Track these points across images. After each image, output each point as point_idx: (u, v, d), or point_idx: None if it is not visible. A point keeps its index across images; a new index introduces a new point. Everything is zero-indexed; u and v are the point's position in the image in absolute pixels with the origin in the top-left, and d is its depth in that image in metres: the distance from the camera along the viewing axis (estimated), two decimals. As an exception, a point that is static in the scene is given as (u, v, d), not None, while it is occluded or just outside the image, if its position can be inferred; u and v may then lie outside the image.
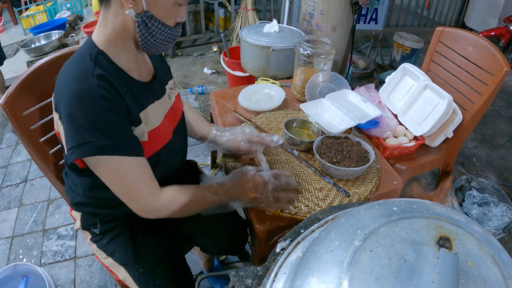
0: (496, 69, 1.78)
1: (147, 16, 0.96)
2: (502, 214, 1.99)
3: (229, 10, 4.86)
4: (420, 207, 0.74)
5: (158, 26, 0.99)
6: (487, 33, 4.96)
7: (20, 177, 2.92)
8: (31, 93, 1.33)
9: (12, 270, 1.75)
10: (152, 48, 1.04)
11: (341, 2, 2.46)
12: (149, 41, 1.01)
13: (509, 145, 3.50)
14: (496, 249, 0.64)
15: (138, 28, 0.97)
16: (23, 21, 5.67)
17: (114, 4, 0.95)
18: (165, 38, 1.03)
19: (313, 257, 0.66)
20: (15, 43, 5.53)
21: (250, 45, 2.39)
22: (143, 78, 1.13)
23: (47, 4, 5.74)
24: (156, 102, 1.14)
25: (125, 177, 1.00)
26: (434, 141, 1.93)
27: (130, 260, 1.24)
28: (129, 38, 1.02)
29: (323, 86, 1.79)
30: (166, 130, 1.18)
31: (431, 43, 2.19)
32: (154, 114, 1.11)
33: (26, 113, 1.31)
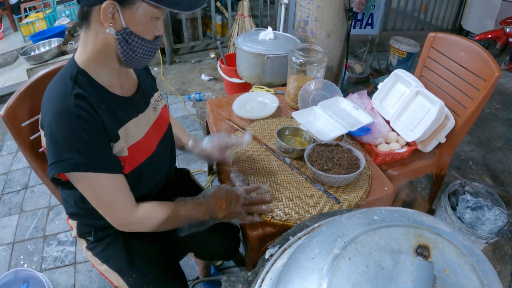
0: (487, 74, 1.81)
1: (126, 33, 0.99)
2: (495, 218, 2.01)
3: (226, 17, 4.90)
4: (401, 216, 0.77)
5: (138, 41, 1.02)
6: (483, 36, 5.00)
7: (20, 184, 2.95)
8: (30, 105, 1.37)
9: (13, 275, 1.78)
10: (135, 62, 1.07)
11: (335, 9, 2.49)
12: (131, 56, 1.04)
13: (505, 147, 3.52)
14: (476, 257, 0.67)
15: (119, 45, 1.01)
16: (22, 28, 5.69)
17: (94, 24, 0.98)
18: (146, 52, 1.06)
19: (294, 264, 0.70)
20: (15, 50, 5.54)
21: (246, 53, 2.43)
22: (126, 93, 1.17)
23: (46, 11, 5.77)
24: (140, 115, 1.18)
25: (100, 192, 1.05)
26: (426, 146, 1.95)
27: (124, 267, 1.28)
28: (111, 55, 1.04)
29: (316, 94, 1.83)
30: (149, 143, 1.21)
31: (424, 49, 2.22)
32: (135, 128, 1.15)
33: (25, 124, 1.35)
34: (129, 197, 1.10)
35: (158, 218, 1.15)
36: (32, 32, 5.54)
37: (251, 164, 1.55)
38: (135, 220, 1.12)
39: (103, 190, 1.05)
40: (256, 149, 1.64)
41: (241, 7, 4.48)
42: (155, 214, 1.14)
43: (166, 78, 4.47)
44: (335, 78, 2.86)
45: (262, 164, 1.55)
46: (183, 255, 1.65)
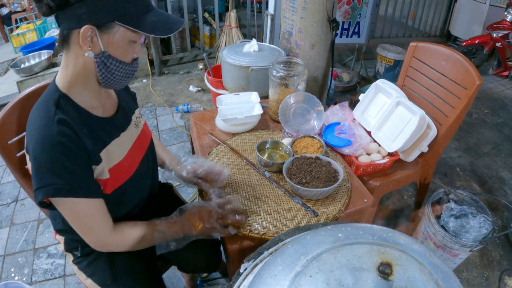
0: (468, 82, 1.84)
1: (105, 56, 1.02)
2: (479, 225, 2.02)
3: (214, 28, 4.94)
4: (366, 233, 0.80)
5: (116, 64, 1.05)
6: (471, 41, 5.07)
7: (11, 197, 2.97)
8: (16, 122, 1.40)
9: None
10: (113, 84, 1.10)
11: (319, 20, 2.53)
12: (109, 78, 1.07)
13: (493, 152, 3.57)
14: (441, 273, 0.69)
15: (98, 67, 1.04)
16: (13, 40, 5.70)
17: (73, 47, 1.01)
18: (124, 74, 1.09)
19: (259, 281, 0.73)
20: (6, 62, 5.57)
21: (230, 65, 2.46)
22: (107, 113, 1.20)
23: (37, 22, 5.79)
24: (121, 134, 1.21)
25: (79, 216, 1.08)
26: (409, 156, 1.98)
27: (109, 281, 1.32)
28: (91, 77, 1.07)
29: (297, 107, 1.87)
30: (131, 162, 1.25)
31: (405, 58, 2.26)
32: (117, 148, 1.19)
33: (12, 141, 1.38)
34: (106, 219, 1.14)
35: (133, 239, 1.19)
36: (23, 43, 5.55)
37: (230, 178, 1.58)
38: (112, 241, 1.16)
39: (82, 213, 1.08)
40: (236, 163, 1.68)
41: (229, 18, 4.54)
42: (130, 235, 1.19)
43: (154, 90, 4.51)
44: (320, 88, 2.90)
45: (242, 178, 1.59)
46: (166, 268, 1.68)
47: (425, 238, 2.09)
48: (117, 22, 0.98)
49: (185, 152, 3.36)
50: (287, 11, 2.61)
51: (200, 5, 4.70)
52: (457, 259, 2.03)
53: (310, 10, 2.48)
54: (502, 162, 3.43)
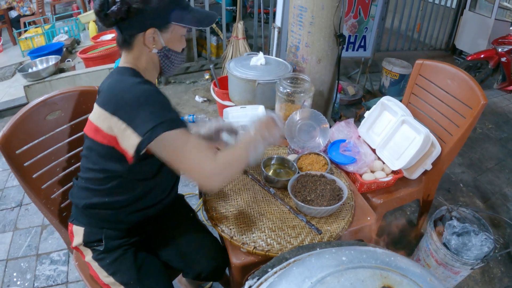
0: (473, 102, 1.85)
1: (166, 50, 1.26)
2: (481, 243, 2.01)
3: (221, 38, 4.99)
4: (369, 257, 0.83)
5: (174, 55, 1.30)
6: (476, 56, 5.08)
7: (15, 201, 2.99)
8: (24, 133, 1.43)
9: None
10: (171, 71, 1.35)
11: (326, 35, 2.56)
12: (170, 67, 1.33)
13: (497, 168, 3.57)
14: None
15: (161, 60, 1.28)
16: (21, 43, 5.76)
17: (137, 47, 1.22)
18: (180, 61, 1.35)
19: (265, 303, 0.75)
20: (13, 65, 5.61)
21: (237, 78, 2.49)
22: None
23: (45, 27, 5.85)
24: None
25: (191, 148, 1.14)
26: (413, 173, 1.99)
27: (132, 281, 1.33)
28: (155, 69, 1.30)
29: (303, 124, 1.89)
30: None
31: (411, 76, 2.27)
32: None
33: (20, 151, 1.41)
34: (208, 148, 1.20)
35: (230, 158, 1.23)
36: (30, 47, 5.62)
37: (235, 193, 1.61)
38: (218, 168, 1.17)
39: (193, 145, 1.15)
40: (242, 178, 1.70)
41: (236, 29, 4.58)
42: (226, 156, 1.22)
43: (161, 99, 4.52)
44: (326, 102, 2.92)
45: (247, 194, 1.61)
46: (174, 276, 1.69)
47: (427, 255, 2.10)
48: (173, 23, 1.21)
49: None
50: (295, 25, 2.64)
51: (208, 15, 4.74)
52: (458, 276, 2.04)
53: (317, 25, 2.51)
54: (506, 178, 3.43)
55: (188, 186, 3.10)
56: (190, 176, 1.18)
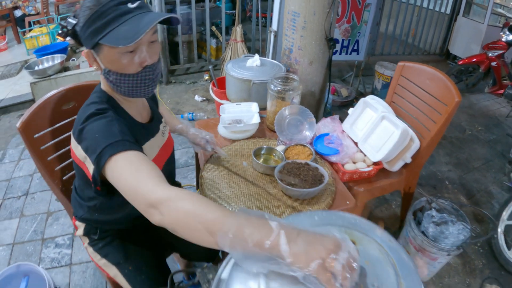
0: (449, 99, 2.02)
1: (106, 72, 1.14)
2: (458, 232, 2.15)
3: (221, 41, 5.16)
4: (338, 218, 0.99)
5: (117, 77, 1.13)
6: (468, 60, 5.24)
7: (21, 191, 3.15)
8: (42, 119, 1.61)
9: (16, 269, 1.94)
10: (129, 94, 1.19)
11: (317, 39, 2.72)
12: (119, 90, 1.18)
13: (483, 168, 3.69)
14: (398, 256, 0.88)
15: (107, 81, 1.17)
16: (26, 42, 5.92)
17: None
18: (132, 84, 1.15)
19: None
20: (18, 63, 5.77)
21: (234, 78, 2.65)
22: (144, 120, 1.37)
23: (50, 26, 6.01)
24: (151, 139, 1.37)
25: (136, 169, 0.99)
26: (393, 166, 2.15)
27: (121, 260, 1.49)
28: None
29: (291, 118, 2.06)
30: (158, 163, 1.40)
31: (394, 77, 2.46)
32: (149, 149, 1.35)
33: (38, 135, 1.58)
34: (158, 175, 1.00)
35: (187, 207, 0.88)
36: (35, 46, 5.77)
37: (229, 179, 1.78)
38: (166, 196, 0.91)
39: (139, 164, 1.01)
40: (235, 165, 1.87)
41: (235, 33, 4.76)
42: (186, 195, 0.91)
43: (162, 98, 4.70)
44: (317, 102, 3.09)
45: (239, 179, 1.77)
46: (169, 254, 1.84)
47: (406, 243, 2.25)
48: (100, 42, 1.05)
49: (189, 157, 3.58)
50: (288, 29, 2.81)
51: (208, 18, 4.95)
52: (436, 263, 2.20)
53: (309, 29, 2.68)
54: (492, 177, 3.56)
55: (186, 178, 3.27)
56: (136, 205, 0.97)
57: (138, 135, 1.27)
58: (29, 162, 3.51)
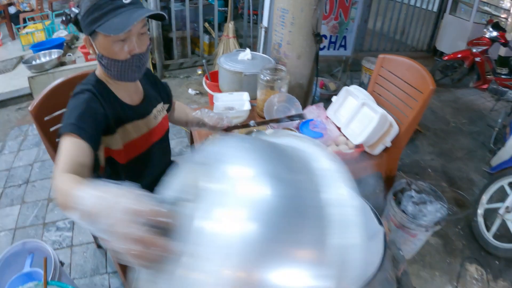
0: (424, 87, 2.18)
1: (100, 57, 1.29)
2: (436, 210, 2.31)
3: (213, 37, 5.31)
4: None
5: (109, 62, 1.28)
6: (453, 56, 5.41)
7: (22, 179, 3.27)
8: (52, 103, 1.75)
9: (22, 246, 2.02)
10: (118, 77, 1.34)
11: (305, 34, 2.88)
12: (110, 73, 1.34)
13: (466, 157, 3.86)
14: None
15: (100, 66, 1.33)
16: (22, 38, 5.97)
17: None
18: (121, 69, 1.31)
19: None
20: (14, 58, 5.83)
21: (226, 71, 2.80)
22: (133, 102, 1.49)
23: (46, 23, 6.10)
24: (139, 120, 1.49)
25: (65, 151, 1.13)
26: (375, 149, 2.28)
27: None
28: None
29: (279, 105, 2.23)
30: (144, 143, 1.54)
31: (375, 68, 2.63)
32: (133, 130, 1.46)
33: (48, 118, 1.73)
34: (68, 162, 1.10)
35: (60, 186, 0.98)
36: (31, 42, 5.82)
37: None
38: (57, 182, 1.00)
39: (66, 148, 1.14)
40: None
41: (227, 29, 4.91)
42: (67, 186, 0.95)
43: (157, 90, 4.82)
44: (305, 94, 3.25)
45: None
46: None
47: (387, 221, 2.41)
48: (96, 30, 1.21)
49: (183, 146, 3.74)
50: (278, 25, 2.97)
51: (201, 15, 5.09)
52: (416, 240, 2.37)
53: (297, 25, 2.84)
54: (474, 166, 3.73)
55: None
56: None
57: (122, 114, 1.41)
58: (28, 152, 3.63)
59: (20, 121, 4.24)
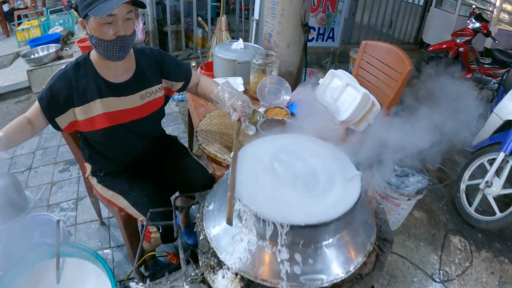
0: (403, 68, 2.36)
1: (90, 36, 1.47)
2: (417, 181, 2.47)
3: (206, 30, 5.47)
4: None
5: (97, 42, 1.46)
6: (438, 46, 5.61)
7: (25, 166, 3.41)
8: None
9: (31, 220, 2.15)
10: (104, 55, 1.51)
11: (294, 24, 3.05)
12: (98, 51, 1.51)
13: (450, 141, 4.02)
14: None
15: (91, 44, 1.50)
16: (18, 34, 6.11)
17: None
18: (108, 48, 1.47)
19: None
20: (10, 54, 5.97)
21: (221, 59, 2.94)
22: (117, 80, 1.64)
23: (41, 19, 6.23)
24: (121, 97, 1.65)
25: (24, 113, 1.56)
26: (359, 126, 2.40)
27: (126, 189, 1.81)
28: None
29: (270, 87, 2.40)
30: (121, 117, 1.68)
31: (358, 53, 2.82)
32: (110, 103, 1.63)
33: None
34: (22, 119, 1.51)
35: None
36: (26, 38, 5.97)
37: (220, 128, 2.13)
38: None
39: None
40: (226, 123, 2.20)
41: (220, 22, 5.08)
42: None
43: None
44: (295, 81, 3.41)
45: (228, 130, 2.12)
46: (171, 193, 2.12)
47: (372, 192, 2.58)
48: (88, 14, 1.38)
49: (180, 131, 3.90)
50: (268, 16, 3.13)
51: (195, 10, 5.28)
52: (399, 209, 2.54)
53: (287, 15, 3.00)
54: (457, 148, 3.89)
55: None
56: None
57: (99, 89, 1.60)
58: (30, 141, 3.74)
59: (20, 113, 4.29)
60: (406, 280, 2.42)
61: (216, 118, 2.25)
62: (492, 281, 2.49)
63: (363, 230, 1.21)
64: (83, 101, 1.57)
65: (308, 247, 1.07)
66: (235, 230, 1.14)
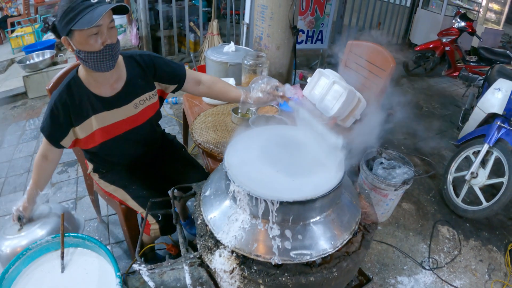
0: (386, 65, 2.48)
1: (77, 52, 1.44)
2: (403, 173, 2.58)
3: (198, 35, 5.59)
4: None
5: (86, 55, 1.44)
6: (425, 46, 5.73)
7: (23, 168, 3.46)
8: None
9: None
10: (96, 68, 1.50)
11: (283, 27, 3.17)
12: (88, 65, 1.49)
13: (438, 137, 4.16)
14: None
15: (80, 60, 1.50)
16: (12, 41, 6.16)
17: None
18: (97, 59, 1.46)
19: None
20: (4, 61, 5.98)
21: (213, 62, 3.05)
22: (108, 94, 1.65)
23: (35, 26, 6.29)
24: (112, 110, 1.68)
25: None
26: (346, 122, 2.51)
27: (127, 183, 1.90)
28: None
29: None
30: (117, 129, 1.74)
31: (344, 52, 2.96)
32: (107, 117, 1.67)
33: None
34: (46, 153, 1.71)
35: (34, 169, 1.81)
36: (20, 45, 6.03)
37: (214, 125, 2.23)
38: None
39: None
40: (219, 120, 2.31)
41: (211, 27, 5.19)
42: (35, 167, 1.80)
43: (146, 85, 5.07)
44: (285, 82, 3.47)
45: (221, 127, 2.22)
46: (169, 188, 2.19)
47: (361, 184, 2.68)
48: (72, 28, 1.36)
49: (175, 133, 3.98)
50: (258, 20, 3.25)
51: (187, 15, 5.39)
52: (387, 199, 2.64)
53: (276, 19, 3.13)
54: (445, 143, 4.03)
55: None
56: None
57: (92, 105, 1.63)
58: (28, 145, 3.83)
59: (17, 118, 4.43)
60: (396, 268, 2.51)
61: (210, 116, 2.36)
62: (481, 268, 2.58)
63: (348, 210, 1.32)
64: (80, 119, 1.62)
65: (297, 223, 1.18)
66: (230, 211, 1.25)
